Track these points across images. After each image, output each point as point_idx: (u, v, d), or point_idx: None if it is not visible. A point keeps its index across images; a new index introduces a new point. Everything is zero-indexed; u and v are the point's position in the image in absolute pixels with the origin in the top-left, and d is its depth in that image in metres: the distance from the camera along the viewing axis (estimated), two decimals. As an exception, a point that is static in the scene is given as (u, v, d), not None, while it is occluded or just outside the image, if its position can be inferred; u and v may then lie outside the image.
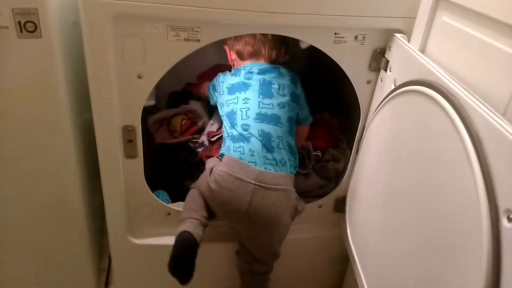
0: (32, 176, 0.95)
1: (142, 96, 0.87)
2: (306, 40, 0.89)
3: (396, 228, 0.82)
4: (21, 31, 0.76)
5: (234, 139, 0.96)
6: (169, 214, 1.04)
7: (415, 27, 0.84)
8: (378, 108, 0.90)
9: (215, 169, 0.92)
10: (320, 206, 1.12)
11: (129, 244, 1.05)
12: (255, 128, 0.95)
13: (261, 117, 0.96)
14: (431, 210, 0.70)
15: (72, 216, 1.03)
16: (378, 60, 0.90)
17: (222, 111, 1.02)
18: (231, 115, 0.98)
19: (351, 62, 0.91)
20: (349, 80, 0.94)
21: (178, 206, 1.05)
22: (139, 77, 0.84)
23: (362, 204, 1.01)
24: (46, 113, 0.88)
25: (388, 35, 0.87)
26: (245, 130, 0.95)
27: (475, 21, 0.67)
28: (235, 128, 0.96)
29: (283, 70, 1.04)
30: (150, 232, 1.06)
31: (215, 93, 1.08)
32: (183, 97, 1.34)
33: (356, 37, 0.88)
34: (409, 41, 0.85)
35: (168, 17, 0.78)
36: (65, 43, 0.86)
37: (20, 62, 0.80)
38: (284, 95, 1.00)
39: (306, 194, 1.11)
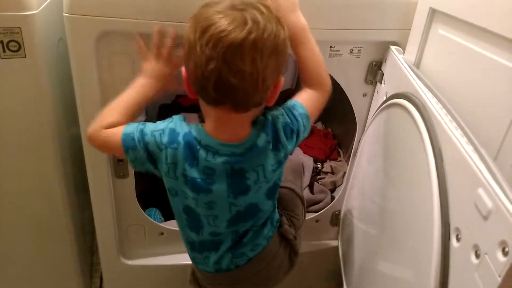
0: (19, 191, 0.92)
1: (133, 114, 0.84)
2: (300, 53, 0.87)
3: (375, 245, 0.82)
4: (4, 51, 0.73)
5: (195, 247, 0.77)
6: (162, 233, 1.01)
7: (410, 39, 0.83)
8: (371, 121, 0.89)
9: None
10: (317, 221, 1.10)
11: (121, 266, 1.02)
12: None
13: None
14: (398, 227, 0.71)
15: (60, 233, 1.00)
16: (374, 73, 0.89)
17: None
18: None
19: (347, 76, 0.89)
20: (344, 92, 0.92)
21: (171, 225, 1.02)
22: (129, 95, 0.80)
23: (352, 219, 1.00)
24: (32, 130, 0.85)
25: (384, 47, 0.86)
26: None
27: (472, 34, 0.66)
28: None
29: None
30: (143, 253, 1.03)
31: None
32: (173, 110, 1.31)
33: (351, 50, 0.86)
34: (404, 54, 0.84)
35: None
36: (51, 61, 0.82)
37: (4, 83, 0.77)
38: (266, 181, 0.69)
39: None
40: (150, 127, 0.66)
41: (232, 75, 0.56)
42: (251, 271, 0.76)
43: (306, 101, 0.71)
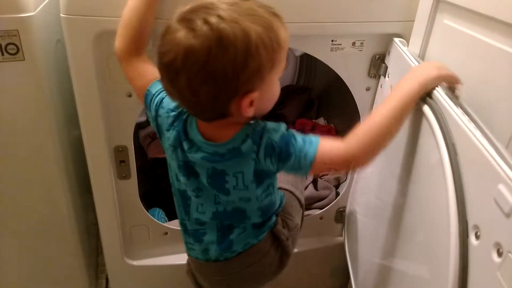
0: (22, 194, 0.91)
1: (133, 115, 0.83)
2: (301, 49, 0.87)
3: (384, 241, 0.81)
4: (2, 54, 0.72)
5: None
6: (166, 233, 1.01)
7: (414, 31, 0.81)
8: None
9: None
10: (321, 218, 1.09)
11: (126, 266, 1.01)
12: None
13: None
14: (410, 223, 0.69)
15: (65, 235, 1.00)
16: (377, 66, 0.87)
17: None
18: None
19: (349, 70, 0.88)
20: (347, 87, 0.91)
21: (175, 224, 1.02)
22: (129, 95, 0.80)
23: (358, 215, 0.99)
24: (33, 133, 0.84)
25: (387, 40, 0.85)
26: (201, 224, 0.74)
27: (479, 23, 0.65)
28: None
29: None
30: (148, 253, 1.03)
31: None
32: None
33: (353, 44, 0.85)
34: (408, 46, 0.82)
35: (157, 33, 0.74)
36: (49, 63, 0.82)
37: (3, 87, 0.76)
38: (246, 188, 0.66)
39: (307, 205, 1.08)
40: (167, 101, 0.67)
41: (169, 93, 0.60)
42: (240, 265, 0.76)
43: (327, 142, 0.61)
